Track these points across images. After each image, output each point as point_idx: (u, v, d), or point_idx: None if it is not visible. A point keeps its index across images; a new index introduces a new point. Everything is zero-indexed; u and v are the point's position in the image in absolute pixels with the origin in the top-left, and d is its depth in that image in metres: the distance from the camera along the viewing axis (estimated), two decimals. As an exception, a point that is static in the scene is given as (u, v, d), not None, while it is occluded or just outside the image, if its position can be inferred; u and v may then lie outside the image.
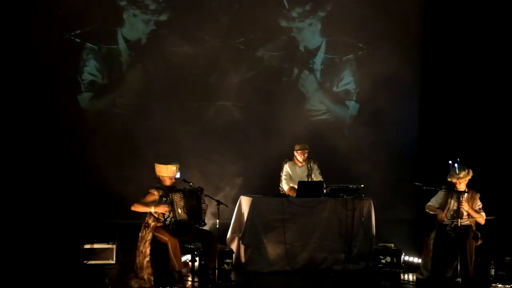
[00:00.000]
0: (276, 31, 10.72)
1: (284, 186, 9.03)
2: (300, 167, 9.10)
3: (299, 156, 9.06)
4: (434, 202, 8.24)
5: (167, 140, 9.85)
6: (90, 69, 10.20)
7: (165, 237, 7.47)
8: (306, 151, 9.06)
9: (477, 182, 8.13)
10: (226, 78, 10.47)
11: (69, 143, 9.90)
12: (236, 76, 10.53)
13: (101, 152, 9.86)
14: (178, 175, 7.73)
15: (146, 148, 9.78)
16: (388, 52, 10.73)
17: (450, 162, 8.03)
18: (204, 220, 7.75)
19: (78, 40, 10.14)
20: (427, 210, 8.23)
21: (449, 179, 8.03)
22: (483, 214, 8.02)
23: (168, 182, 7.69)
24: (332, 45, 10.88)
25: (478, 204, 8.06)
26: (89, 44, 10.16)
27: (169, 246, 7.43)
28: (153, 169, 7.74)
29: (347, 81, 10.97)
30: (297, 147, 9.09)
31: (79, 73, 10.18)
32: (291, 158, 9.17)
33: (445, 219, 7.96)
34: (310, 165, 9.08)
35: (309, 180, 8.95)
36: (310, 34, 10.84)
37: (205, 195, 7.74)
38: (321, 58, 10.87)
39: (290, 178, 9.07)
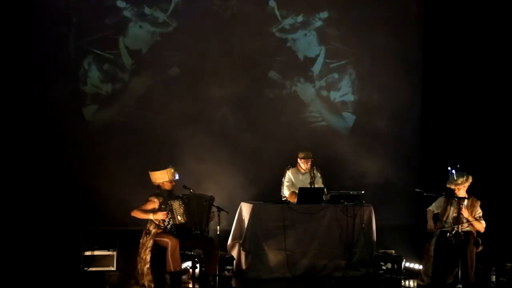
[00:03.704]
0: (275, 41, 10.75)
1: (285, 192, 9.02)
2: (303, 174, 9.09)
3: (302, 164, 9.05)
4: (434, 207, 8.26)
5: (168, 147, 9.86)
6: (93, 79, 10.23)
7: (166, 239, 7.46)
8: (310, 159, 9.05)
9: (478, 188, 8.12)
10: (226, 86, 10.49)
11: (70, 150, 9.92)
12: (236, 84, 10.54)
13: (102, 159, 9.87)
14: (177, 177, 7.73)
15: (148, 156, 9.80)
16: (388, 60, 10.78)
17: (449, 168, 8.04)
18: (208, 229, 7.76)
19: (81, 50, 10.18)
20: (427, 215, 8.25)
21: (448, 186, 8.04)
22: (483, 222, 8.01)
23: (168, 186, 7.71)
24: (331, 54, 10.89)
25: (478, 212, 8.05)
26: (92, 53, 10.19)
27: (169, 245, 7.43)
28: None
29: (345, 91, 10.97)
30: (301, 155, 9.09)
31: (81, 83, 10.21)
32: (293, 164, 9.17)
33: (433, 230, 8.03)
34: (314, 173, 9.07)
35: (313, 187, 8.94)
36: (308, 43, 10.85)
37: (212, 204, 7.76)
38: (320, 67, 10.88)
39: (292, 184, 9.05)
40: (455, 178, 7.97)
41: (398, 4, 11.07)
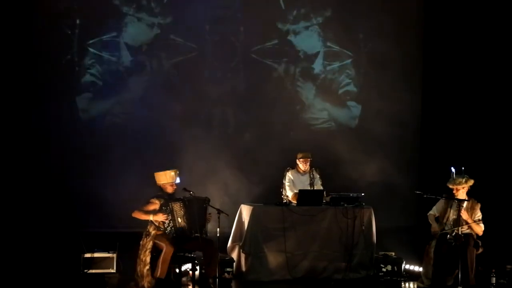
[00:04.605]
0: (277, 38, 10.75)
1: (289, 192, 8.99)
2: (302, 175, 9.08)
3: (301, 165, 9.04)
4: (435, 210, 8.25)
5: (169, 148, 9.85)
6: (91, 76, 10.21)
7: (162, 243, 7.47)
8: (309, 159, 9.04)
9: (478, 189, 8.12)
10: (226, 85, 10.49)
11: (69, 151, 9.90)
12: (236, 84, 10.55)
13: (102, 161, 9.86)
14: (178, 181, 7.74)
15: (148, 157, 9.79)
16: (388, 62, 10.79)
17: (451, 168, 8.05)
18: (207, 231, 7.76)
19: (79, 48, 10.17)
20: (429, 219, 8.24)
21: (447, 185, 8.05)
22: (482, 225, 8.01)
23: (169, 189, 7.71)
24: (331, 51, 10.90)
25: (478, 215, 8.05)
26: (90, 52, 10.19)
27: (163, 252, 7.43)
28: (154, 179, 7.76)
29: (346, 83, 10.98)
30: (299, 155, 9.08)
31: (80, 79, 10.19)
32: (293, 166, 9.16)
33: (437, 232, 8.01)
34: (313, 174, 9.07)
35: (311, 188, 8.94)
36: (309, 41, 10.86)
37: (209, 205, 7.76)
38: (320, 65, 10.88)
39: (293, 185, 9.05)
40: (454, 177, 7.99)
41: (398, 7, 11.07)
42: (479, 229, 8.01)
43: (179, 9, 10.41)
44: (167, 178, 7.69)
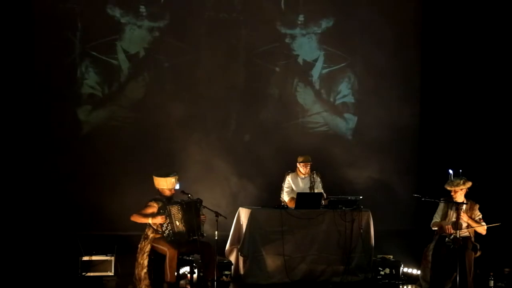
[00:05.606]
0: (276, 43, 10.76)
1: (285, 197, 9.01)
2: (302, 178, 9.09)
3: (301, 168, 9.05)
4: (437, 217, 8.22)
5: (167, 150, 9.85)
6: (90, 81, 10.20)
7: (164, 248, 7.47)
8: (309, 163, 9.05)
9: (477, 192, 8.13)
10: (226, 87, 10.49)
11: (68, 155, 9.87)
12: (236, 86, 10.55)
13: (100, 164, 9.85)
14: (177, 187, 7.74)
15: (146, 160, 9.78)
16: (387, 66, 10.80)
17: (449, 170, 8.06)
18: (203, 232, 7.75)
19: (78, 53, 10.16)
20: (433, 228, 8.20)
21: (445, 187, 8.06)
22: (484, 224, 8.02)
23: (167, 193, 7.71)
24: (330, 57, 10.91)
25: (478, 215, 8.07)
26: (89, 56, 10.18)
27: (167, 256, 7.43)
28: (152, 181, 7.75)
29: (345, 93, 10.99)
30: (300, 159, 9.09)
31: (78, 85, 10.18)
32: (293, 169, 9.17)
33: (452, 230, 7.93)
34: (313, 177, 9.08)
35: (312, 192, 8.94)
36: (308, 47, 10.87)
37: (204, 207, 7.75)
38: (319, 71, 10.89)
39: (292, 190, 9.05)
40: (452, 179, 8.01)
41: (397, 14, 11.07)
42: (482, 228, 8.01)
43: (178, 11, 10.40)
44: (167, 184, 7.68)
